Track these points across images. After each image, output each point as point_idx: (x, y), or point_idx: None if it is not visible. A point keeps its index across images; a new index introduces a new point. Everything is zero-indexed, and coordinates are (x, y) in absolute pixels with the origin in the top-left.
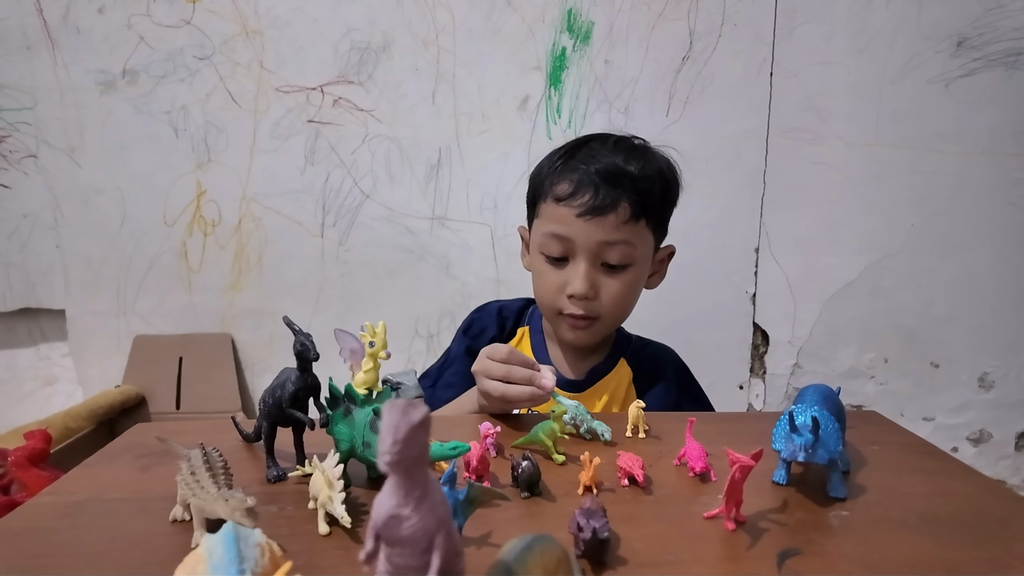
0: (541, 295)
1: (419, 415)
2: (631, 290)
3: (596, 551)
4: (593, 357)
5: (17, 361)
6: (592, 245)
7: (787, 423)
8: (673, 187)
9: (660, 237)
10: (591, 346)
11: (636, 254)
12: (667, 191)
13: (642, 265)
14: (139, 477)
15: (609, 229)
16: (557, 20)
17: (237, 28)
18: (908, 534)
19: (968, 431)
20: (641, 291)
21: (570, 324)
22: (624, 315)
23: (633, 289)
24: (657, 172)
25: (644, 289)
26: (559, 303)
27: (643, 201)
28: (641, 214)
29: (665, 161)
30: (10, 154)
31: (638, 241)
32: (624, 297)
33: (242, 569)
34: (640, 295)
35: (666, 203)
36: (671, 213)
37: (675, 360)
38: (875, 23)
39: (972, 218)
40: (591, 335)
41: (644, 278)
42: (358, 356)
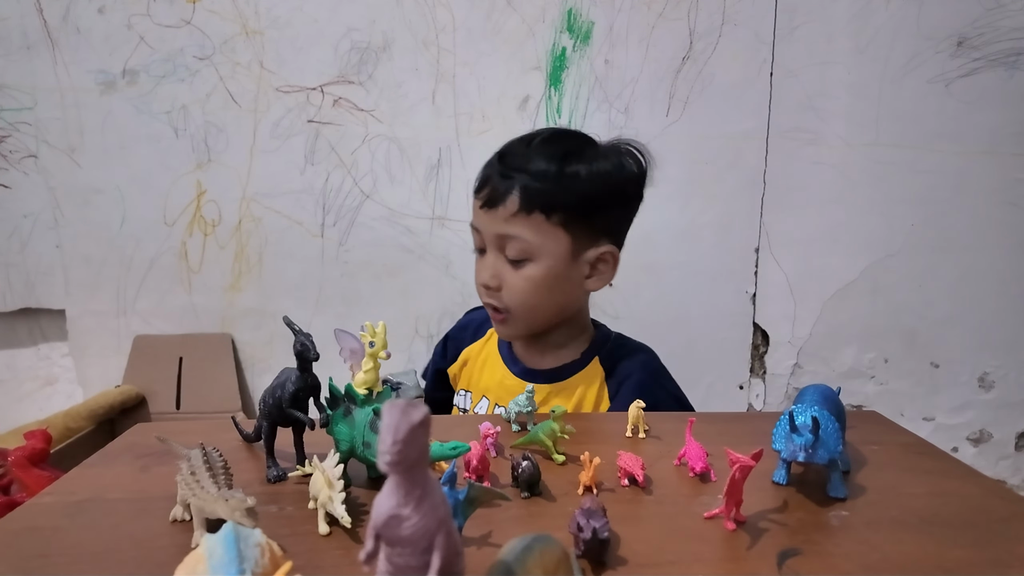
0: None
1: (419, 415)
2: (535, 286)
3: (596, 551)
4: (563, 352)
5: (17, 361)
6: (492, 236)
7: (787, 423)
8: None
9: (585, 237)
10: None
11: (533, 249)
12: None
13: (547, 261)
14: (139, 477)
15: (499, 221)
16: (557, 20)
17: (237, 28)
18: (908, 534)
19: (968, 431)
20: (561, 290)
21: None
22: (534, 311)
23: (538, 285)
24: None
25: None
26: (480, 293)
27: (536, 196)
28: (533, 208)
29: (609, 163)
30: (10, 154)
31: (533, 236)
32: (527, 292)
33: (242, 569)
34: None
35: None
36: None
37: (651, 362)
38: (875, 23)
39: (972, 218)
40: (508, 328)
41: (562, 276)
42: (358, 356)
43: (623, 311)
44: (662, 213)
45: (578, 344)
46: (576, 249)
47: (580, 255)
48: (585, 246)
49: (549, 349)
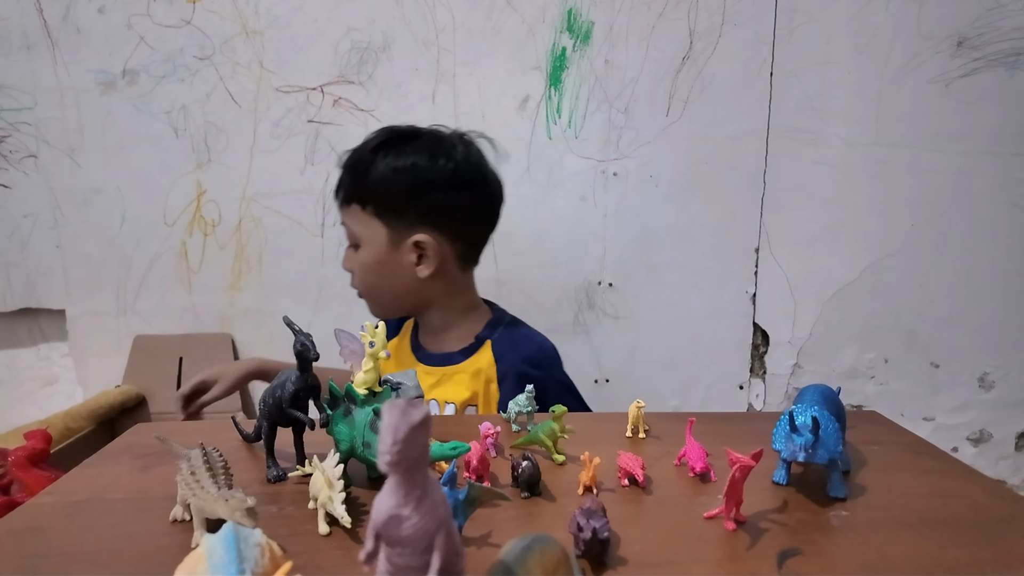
0: None
1: (419, 415)
2: (365, 269)
3: (596, 551)
4: (456, 337)
5: (17, 361)
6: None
7: (787, 423)
8: (397, 179)
9: (400, 228)
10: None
11: (359, 236)
12: (384, 181)
13: (370, 247)
14: (139, 477)
15: (341, 213)
16: (557, 20)
17: (237, 28)
18: (908, 534)
19: (968, 431)
20: (390, 275)
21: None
22: (374, 290)
23: (367, 269)
24: (371, 164)
25: (422, 277)
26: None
27: (353, 189)
28: (352, 200)
29: (422, 156)
30: (10, 154)
31: (356, 225)
32: (362, 274)
33: (242, 569)
34: (399, 280)
35: (386, 194)
36: (420, 204)
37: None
38: (875, 23)
39: (973, 218)
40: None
41: (386, 263)
42: (358, 356)
43: (623, 311)
44: (662, 213)
45: (471, 328)
46: (393, 237)
47: (400, 243)
48: (402, 234)
49: (444, 332)
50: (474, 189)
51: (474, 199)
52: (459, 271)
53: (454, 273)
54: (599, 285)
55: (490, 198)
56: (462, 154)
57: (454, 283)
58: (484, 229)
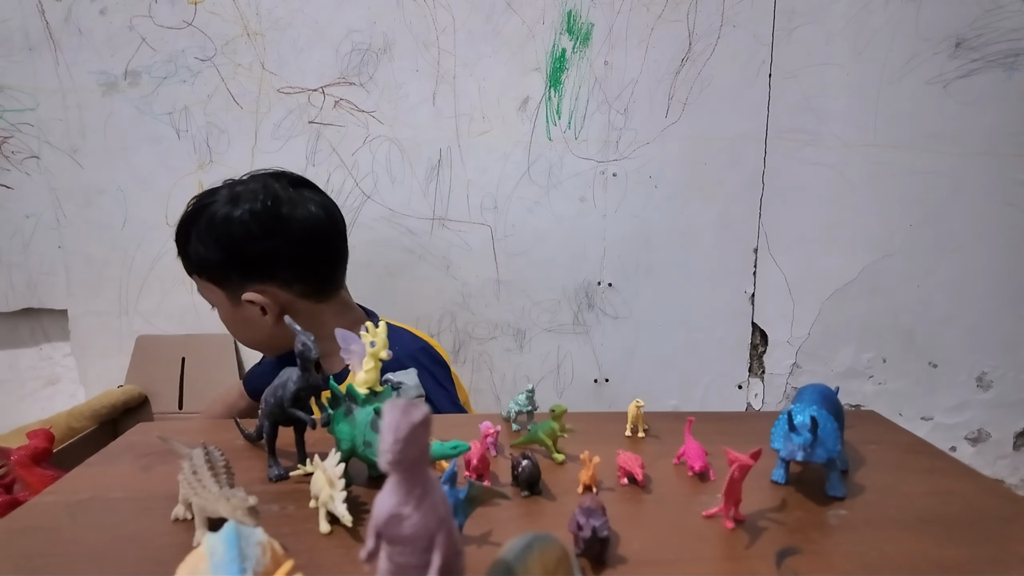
0: None
1: (420, 415)
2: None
3: (596, 550)
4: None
5: (20, 361)
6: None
7: (786, 422)
8: (212, 247)
9: (234, 285)
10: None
11: (209, 300)
12: (202, 255)
13: (222, 309)
14: (141, 476)
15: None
16: (557, 22)
17: (238, 30)
18: (906, 533)
19: (966, 431)
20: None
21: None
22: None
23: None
24: (197, 239)
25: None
26: None
27: (185, 263)
28: (191, 273)
29: (215, 225)
30: (12, 155)
31: (203, 290)
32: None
33: (244, 568)
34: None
35: (204, 264)
36: (237, 264)
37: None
38: (873, 24)
39: (970, 218)
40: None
41: (236, 320)
42: (359, 356)
43: (622, 311)
44: (661, 214)
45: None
46: (231, 297)
47: (238, 301)
48: (236, 294)
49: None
50: (280, 233)
51: (285, 242)
52: (313, 305)
53: (309, 309)
54: (599, 285)
55: (305, 236)
56: (260, 202)
57: (315, 318)
58: (317, 263)
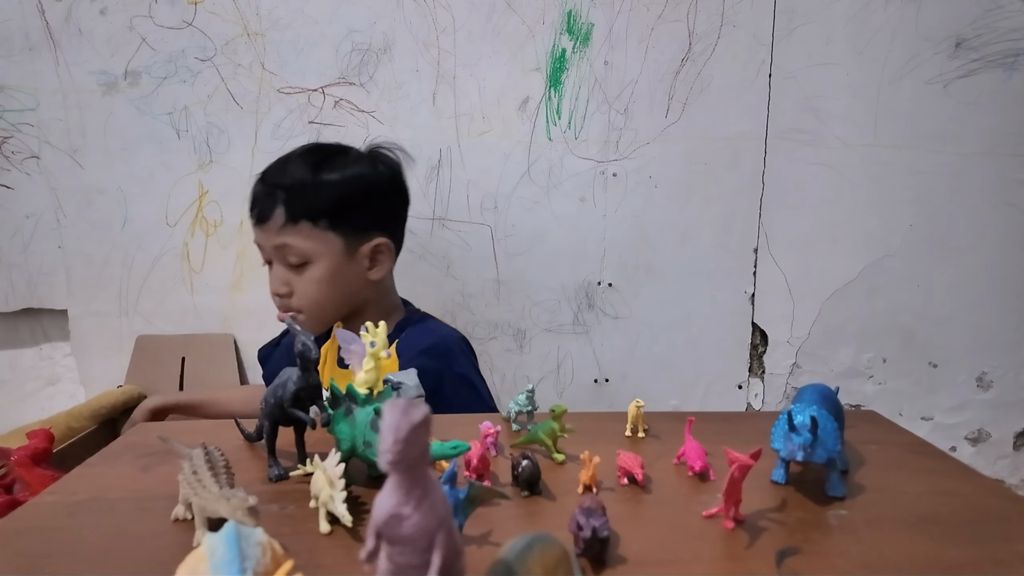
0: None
1: (420, 415)
2: (319, 285)
3: (596, 550)
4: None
5: (19, 361)
6: (270, 249)
7: (786, 422)
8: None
9: (356, 234)
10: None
11: (310, 253)
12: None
13: (328, 261)
14: (141, 476)
15: (273, 234)
16: (557, 22)
17: (239, 30)
18: (906, 533)
19: (966, 430)
20: (347, 284)
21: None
22: (323, 306)
23: (321, 283)
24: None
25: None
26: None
27: (298, 206)
28: (300, 217)
29: (361, 166)
30: (12, 155)
31: (306, 241)
32: (314, 291)
33: (244, 568)
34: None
35: (338, 205)
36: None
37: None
38: (873, 24)
39: (971, 218)
40: (307, 327)
41: (342, 273)
42: (359, 356)
43: (622, 311)
44: (661, 214)
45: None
46: (349, 246)
47: (356, 250)
48: (358, 242)
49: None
50: (405, 194)
51: (405, 203)
52: (391, 272)
53: (389, 274)
54: (599, 285)
55: (408, 203)
56: (391, 162)
57: (386, 284)
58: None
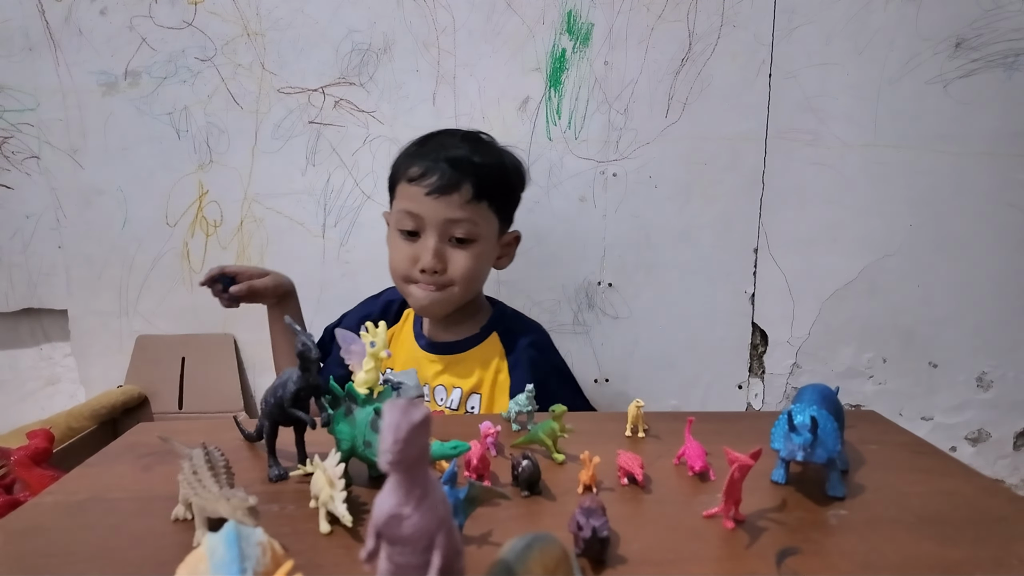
0: (394, 266)
1: (420, 415)
2: (478, 263)
3: (596, 550)
4: (465, 327)
5: (19, 361)
6: (439, 222)
7: (786, 422)
8: (514, 177)
9: (505, 222)
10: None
11: (480, 231)
12: (507, 179)
13: (487, 243)
14: (141, 476)
15: (454, 207)
16: (557, 22)
17: (239, 30)
18: (906, 533)
19: (966, 431)
20: (489, 268)
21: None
22: (473, 285)
23: (479, 262)
24: (499, 163)
25: (494, 269)
26: (411, 273)
27: (484, 185)
28: (483, 196)
29: (508, 155)
30: (12, 155)
31: (481, 220)
32: (472, 268)
33: (244, 568)
34: (488, 272)
35: (507, 190)
36: (515, 202)
37: (542, 339)
38: (873, 24)
39: (971, 219)
40: (441, 303)
41: (491, 256)
42: (359, 356)
43: (623, 311)
44: (661, 214)
45: (478, 319)
46: (500, 233)
47: (500, 238)
48: (504, 230)
49: (453, 324)
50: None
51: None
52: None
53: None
54: (599, 285)
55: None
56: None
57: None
58: None
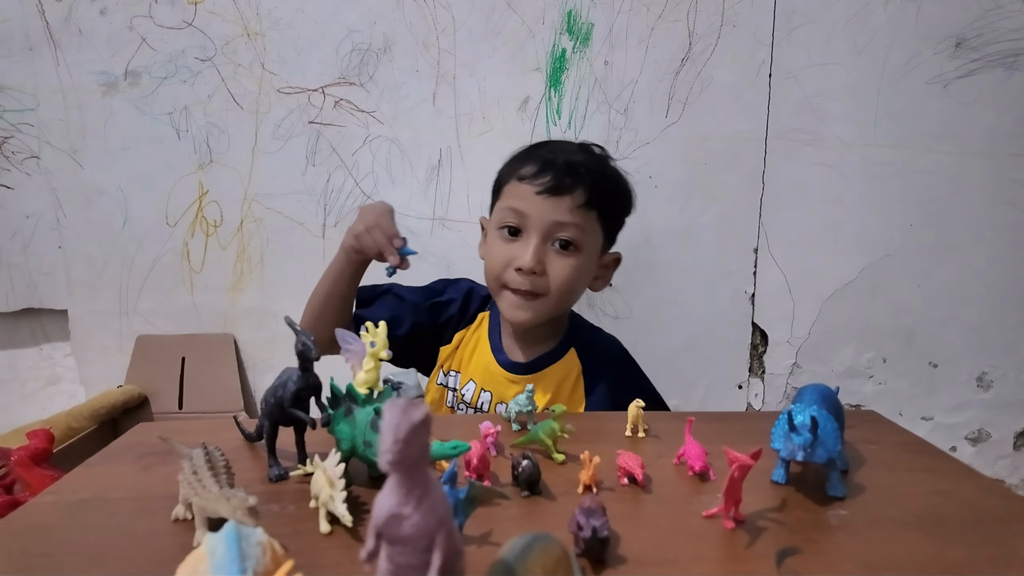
0: (490, 267)
1: (420, 415)
2: (578, 273)
3: (596, 550)
4: (543, 344)
5: (20, 361)
6: (546, 223)
7: (786, 422)
8: (626, 196)
9: (608, 240)
10: (535, 326)
11: (585, 241)
12: (620, 195)
13: (589, 256)
14: (141, 476)
15: (563, 210)
16: (557, 22)
17: (239, 30)
18: (906, 533)
19: (966, 430)
20: (585, 285)
21: (514, 297)
22: (568, 298)
23: (579, 273)
24: (614, 176)
25: (593, 290)
26: (505, 276)
27: (597, 193)
28: (593, 204)
29: (621, 174)
30: (13, 155)
31: (588, 229)
32: (570, 278)
33: (244, 568)
34: (583, 290)
35: (618, 206)
36: (621, 223)
37: (623, 353)
38: (873, 24)
39: (970, 218)
40: (534, 312)
41: (590, 271)
42: (359, 356)
43: (623, 311)
44: (661, 214)
45: (555, 335)
46: (603, 249)
47: (602, 255)
48: (606, 248)
49: (534, 341)
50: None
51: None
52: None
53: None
54: None
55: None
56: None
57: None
58: None
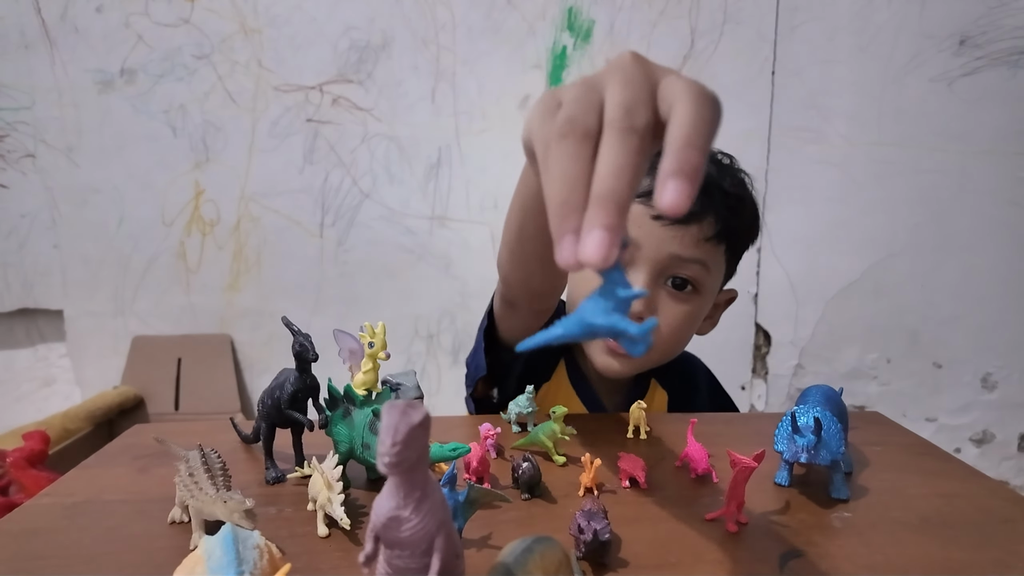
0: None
1: (419, 416)
2: (690, 323)
3: (597, 553)
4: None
5: (15, 362)
6: (662, 256)
7: (789, 424)
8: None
9: (729, 275)
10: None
11: (707, 282)
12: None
13: (706, 299)
14: (137, 478)
15: (688, 242)
16: (558, 18)
17: (235, 27)
18: (910, 535)
19: (971, 432)
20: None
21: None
22: (675, 349)
23: (692, 322)
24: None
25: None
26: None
27: (730, 221)
28: (723, 236)
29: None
30: (8, 154)
31: (713, 267)
32: (682, 328)
33: (241, 571)
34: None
35: (749, 241)
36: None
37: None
38: (877, 21)
39: (975, 217)
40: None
41: (703, 316)
42: (357, 357)
43: None
44: None
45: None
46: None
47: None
48: (723, 285)
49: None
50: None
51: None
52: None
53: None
54: None
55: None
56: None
57: None
58: None
